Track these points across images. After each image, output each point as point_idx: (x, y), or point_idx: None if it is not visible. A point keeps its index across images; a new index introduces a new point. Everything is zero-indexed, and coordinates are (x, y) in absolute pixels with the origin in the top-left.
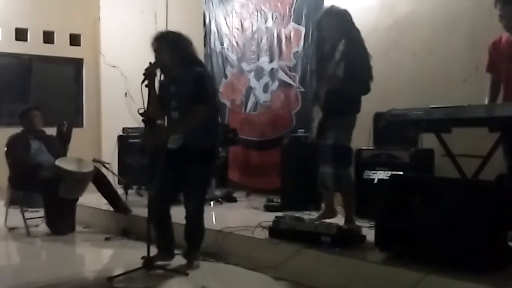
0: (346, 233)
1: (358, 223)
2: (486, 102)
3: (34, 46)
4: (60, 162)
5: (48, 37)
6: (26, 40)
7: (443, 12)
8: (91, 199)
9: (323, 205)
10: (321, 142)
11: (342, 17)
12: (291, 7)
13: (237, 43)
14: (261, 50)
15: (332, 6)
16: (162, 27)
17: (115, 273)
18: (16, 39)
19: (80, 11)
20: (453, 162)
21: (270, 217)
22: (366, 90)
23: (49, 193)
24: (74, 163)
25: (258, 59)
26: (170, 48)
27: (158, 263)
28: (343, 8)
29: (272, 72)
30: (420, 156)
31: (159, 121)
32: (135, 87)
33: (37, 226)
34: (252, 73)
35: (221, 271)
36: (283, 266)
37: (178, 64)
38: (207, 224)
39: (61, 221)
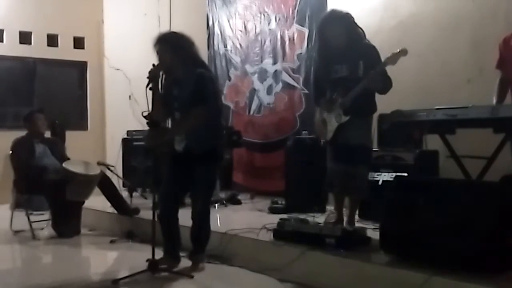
0: (351, 235)
1: (363, 225)
2: (494, 101)
3: (38, 49)
4: (67, 165)
5: (52, 40)
6: (30, 43)
7: (447, 13)
8: (96, 202)
9: (327, 207)
10: (340, 143)
11: (344, 20)
12: (295, 8)
13: (240, 45)
14: (265, 52)
15: (333, 10)
16: (165, 30)
17: (120, 276)
18: (20, 42)
19: (84, 14)
20: (457, 163)
21: (274, 219)
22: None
23: (55, 196)
24: (81, 166)
25: (261, 61)
26: (172, 49)
27: (164, 266)
28: (344, 11)
29: (276, 74)
30: (425, 157)
31: (163, 124)
32: (139, 89)
33: (42, 229)
34: (256, 75)
35: (226, 273)
36: (288, 268)
37: (180, 66)
38: (212, 227)
39: (67, 224)
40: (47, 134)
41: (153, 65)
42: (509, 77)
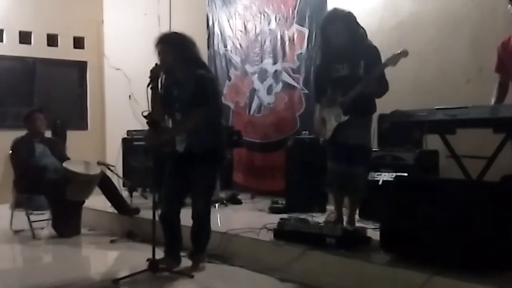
0: (351, 234)
1: (363, 224)
2: (492, 102)
3: (38, 49)
4: (68, 165)
5: (52, 40)
6: (30, 43)
7: (447, 13)
8: (96, 201)
9: (327, 207)
10: (339, 142)
11: (347, 19)
12: (294, 8)
13: (240, 45)
14: (265, 52)
15: (335, 8)
16: (165, 30)
17: (121, 276)
18: (20, 42)
19: (84, 14)
20: (457, 163)
21: (275, 219)
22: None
23: (55, 196)
24: (81, 165)
25: (261, 61)
26: (173, 50)
27: (164, 266)
28: (347, 10)
29: (276, 74)
30: (425, 157)
31: (163, 123)
32: (139, 89)
33: (42, 228)
34: (256, 75)
35: (226, 273)
36: (288, 268)
37: (180, 66)
38: (212, 226)
39: (67, 224)
40: (48, 134)
41: (156, 64)
42: (508, 80)
